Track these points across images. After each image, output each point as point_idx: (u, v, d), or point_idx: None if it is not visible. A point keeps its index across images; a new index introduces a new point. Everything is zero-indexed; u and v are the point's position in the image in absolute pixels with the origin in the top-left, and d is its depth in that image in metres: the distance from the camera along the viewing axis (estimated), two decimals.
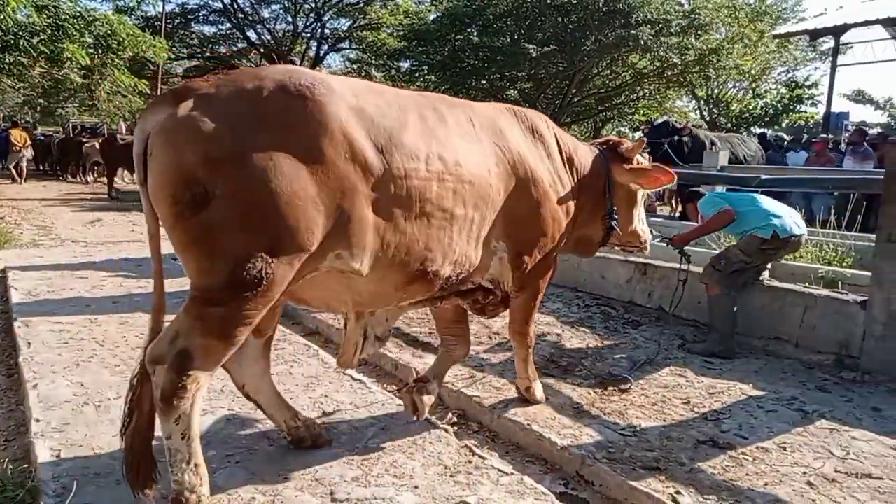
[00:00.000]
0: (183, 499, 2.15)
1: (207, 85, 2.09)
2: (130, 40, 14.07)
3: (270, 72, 2.19)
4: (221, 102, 2.05)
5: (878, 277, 3.65)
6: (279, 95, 2.11)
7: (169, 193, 1.99)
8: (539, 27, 16.59)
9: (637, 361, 3.89)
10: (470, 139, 2.62)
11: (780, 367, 3.89)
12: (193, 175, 1.97)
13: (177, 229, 2.04)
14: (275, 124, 2.07)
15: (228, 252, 2.01)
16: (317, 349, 4.13)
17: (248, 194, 2.00)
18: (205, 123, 1.99)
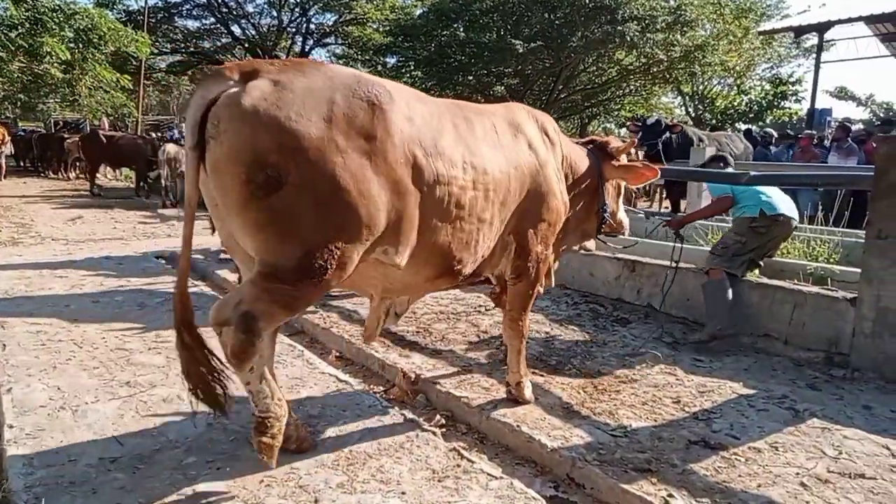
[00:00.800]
0: (269, 423, 2.38)
1: (276, 70, 2.19)
2: (112, 35, 13.88)
3: (338, 72, 2.33)
4: (297, 94, 2.15)
5: (868, 274, 3.63)
6: (350, 98, 2.25)
7: (241, 171, 2.08)
8: (525, 23, 16.55)
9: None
10: (495, 146, 2.81)
11: (770, 364, 3.87)
12: (267, 159, 2.07)
13: (250, 209, 2.13)
14: (346, 125, 2.20)
15: (301, 238, 2.17)
16: (302, 349, 4.05)
17: (322, 186, 2.14)
18: (282, 111, 2.10)
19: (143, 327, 4.44)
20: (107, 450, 2.74)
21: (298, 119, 2.12)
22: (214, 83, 2.16)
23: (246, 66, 2.20)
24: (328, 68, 2.33)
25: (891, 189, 3.53)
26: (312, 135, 2.13)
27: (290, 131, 2.10)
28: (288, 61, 2.28)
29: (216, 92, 2.14)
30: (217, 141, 2.10)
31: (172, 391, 3.38)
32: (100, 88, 16.10)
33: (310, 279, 2.20)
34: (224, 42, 28.00)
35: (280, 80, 2.15)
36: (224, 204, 2.19)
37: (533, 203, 2.96)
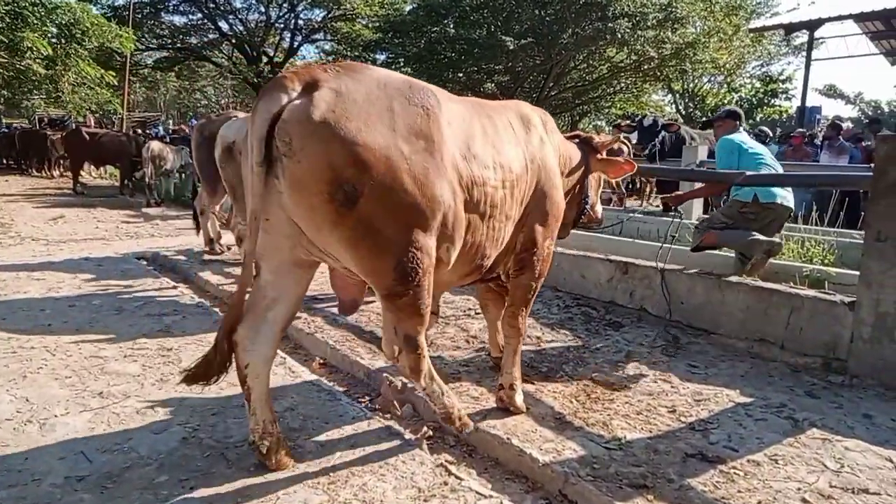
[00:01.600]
0: (452, 413, 2.79)
1: (333, 78, 2.20)
2: (95, 30, 13.60)
3: (390, 78, 2.36)
4: (361, 104, 2.19)
5: (867, 277, 3.54)
6: (407, 105, 2.32)
7: (325, 189, 2.12)
8: (516, 19, 16.41)
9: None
10: (515, 144, 2.90)
11: (767, 370, 3.77)
12: (344, 174, 2.12)
13: (341, 225, 2.19)
14: (407, 131, 2.28)
15: (388, 248, 2.27)
16: (284, 356, 3.90)
17: (394, 193, 2.21)
18: (352, 123, 2.14)
19: (120, 333, 4.28)
20: (74, 467, 2.59)
21: (367, 130, 2.16)
22: (276, 95, 2.16)
23: (305, 75, 2.21)
24: (378, 73, 2.36)
25: (889, 189, 3.44)
26: (381, 144, 2.18)
27: (361, 143, 2.14)
28: (339, 67, 2.28)
29: (280, 104, 2.14)
30: (293, 160, 2.12)
31: (147, 402, 3.23)
32: (83, 85, 15.79)
33: (413, 283, 2.34)
34: (211, 38, 27.63)
35: (341, 90, 2.17)
36: (311, 223, 2.24)
37: (541, 197, 3.04)
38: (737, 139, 4.80)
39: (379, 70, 2.42)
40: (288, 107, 2.14)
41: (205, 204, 6.85)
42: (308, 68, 2.25)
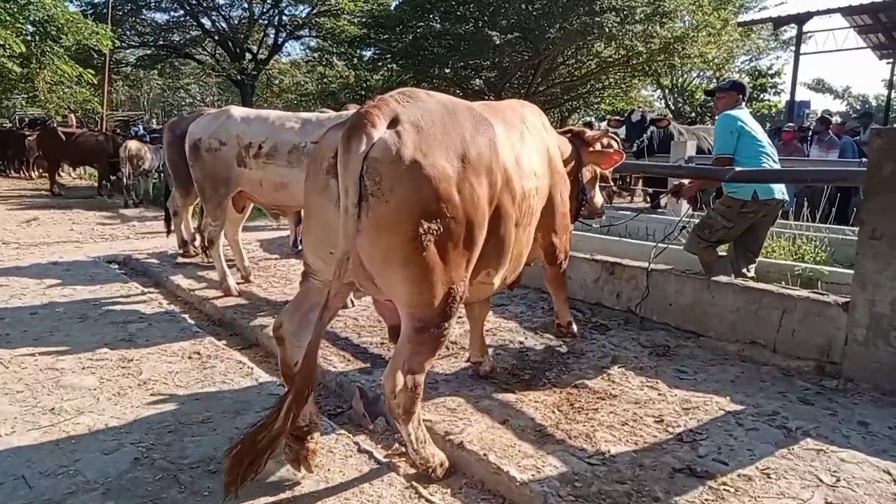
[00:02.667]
0: (431, 465, 2.57)
1: (409, 111, 2.24)
2: (70, 27, 13.25)
3: (457, 107, 2.43)
4: (439, 138, 2.24)
5: (861, 277, 3.38)
6: (476, 137, 2.37)
7: (409, 229, 2.15)
8: (503, 14, 16.21)
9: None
10: (537, 148, 3.01)
11: (758, 375, 3.60)
12: (429, 211, 2.16)
13: (413, 264, 2.20)
14: (477, 164, 2.33)
15: (446, 280, 2.29)
16: (252, 367, 3.70)
17: (463, 228, 2.28)
18: (436, 162, 2.18)
19: (80, 343, 4.06)
20: (13, 495, 2.39)
21: (447, 167, 2.21)
22: (364, 133, 2.13)
23: (385, 109, 2.21)
24: (444, 101, 2.41)
25: (884, 185, 3.28)
26: (458, 180, 2.23)
27: (445, 181, 2.19)
28: (407, 97, 2.32)
29: (368, 142, 2.13)
30: (380, 199, 2.12)
31: (100, 419, 3.02)
32: (60, 83, 15.44)
33: (449, 316, 2.36)
34: (194, 35, 27.24)
35: (421, 125, 2.21)
36: (384, 260, 2.23)
37: (554, 195, 3.20)
38: (739, 117, 4.43)
39: (441, 96, 2.47)
40: (376, 145, 2.13)
41: (178, 205, 6.62)
42: (385, 101, 2.25)
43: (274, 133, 4.75)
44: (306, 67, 30.19)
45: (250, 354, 4.17)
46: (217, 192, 4.89)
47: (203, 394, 3.33)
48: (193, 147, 4.83)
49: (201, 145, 4.78)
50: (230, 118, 4.87)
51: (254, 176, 4.77)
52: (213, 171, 4.82)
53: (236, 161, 4.77)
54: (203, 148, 4.78)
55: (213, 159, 4.78)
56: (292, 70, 32.31)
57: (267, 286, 5.62)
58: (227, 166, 4.79)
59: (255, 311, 4.85)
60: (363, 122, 2.16)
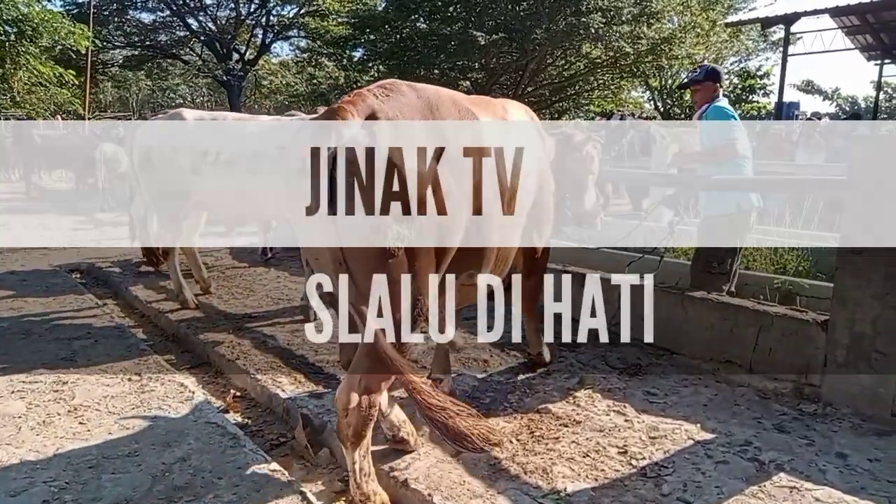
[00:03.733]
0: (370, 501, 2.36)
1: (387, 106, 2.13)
2: (46, 26, 12.94)
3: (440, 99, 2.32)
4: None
5: (841, 294, 3.18)
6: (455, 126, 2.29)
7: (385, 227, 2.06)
8: (490, 15, 16.01)
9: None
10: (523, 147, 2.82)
11: (733, 397, 3.39)
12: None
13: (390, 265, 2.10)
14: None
15: (420, 287, 2.18)
16: (193, 390, 3.45)
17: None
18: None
19: (18, 362, 3.81)
20: None
21: (423, 163, 2.11)
22: (337, 127, 2.05)
23: (361, 104, 2.11)
24: (426, 97, 2.29)
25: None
26: (434, 177, 2.13)
27: (420, 178, 2.09)
28: (387, 91, 2.22)
29: (340, 138, 2.04)
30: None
31: (17, 453, 2.78)
32: (39, 84, 15.12)
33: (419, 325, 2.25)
34: (180, 35, 26.93)
35: (398, 120, 2.12)
36: (363, 261, 2.11)
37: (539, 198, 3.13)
38: (730, 111, 4.17)
39: (426, 89, 2.36)
40: (350, 142, 2.04)
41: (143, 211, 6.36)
42: (362, 96, 2.15)
43: (233, 137, 4.46)
44: (296, 68, 29.92)
45: (198, 374, 3.93)
46: (172, 203, 4.59)
47: (135, 422, 3.09)
48: (144, 156, 4.54)
49: (153, 154, 4.49)
50: (183, 123, 4.58)
51: (210, 185, 4.45)
52: (166, 182, 4.52)
53: (190, 169, 4.46)
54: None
55: (167, 168, 4.48)
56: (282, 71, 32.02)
57: (228, 297, 5.37)
58: (181, 175, 4.47)
59: (210, 325, 4.60)
60: (337, 115, 2.06)
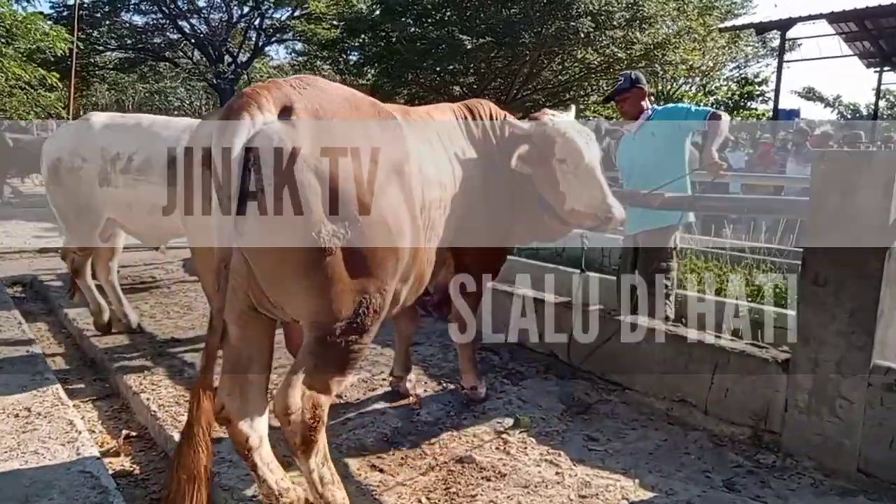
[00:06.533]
0: None
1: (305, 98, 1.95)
2: (20, 28, 12.65)
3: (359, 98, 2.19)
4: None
5: (803, 331, 2.81)
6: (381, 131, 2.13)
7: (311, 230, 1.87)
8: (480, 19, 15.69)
9: None
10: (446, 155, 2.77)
11: (684, 444, 3.01)
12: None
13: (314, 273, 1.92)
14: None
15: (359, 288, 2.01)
16: (80, 431, 3.08)
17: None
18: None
19: None
20: None
21: (351, 160, 1.94)
22: (250, 115, 1.82)
23: (278, 94, 1.91)
24: (345, 94, 2.15)
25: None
26: (365, 177, 1.97)
27: (349, 175, 1.92)
28: (304, 83, 2.03)
29: (252, 127, 1.82)
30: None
31: None
32: (17, 87, 14.83)
33: (364, 329, 2.07)
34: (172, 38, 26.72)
35: (319, 114, 1.94)
36: (278, 269, 1.93)
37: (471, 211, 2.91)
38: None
39: (343, 87, 2.22)
40: (264, 131, 1.83)
41: None
42: (277, 84, 1.96)
43: (147, 142, 4.02)
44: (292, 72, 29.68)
45: (102, 408, 3.58)
46: (82, 221, 4.16)
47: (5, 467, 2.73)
48: (52, 168, 4.13)
49: (61, 165, 4.09)
50: (90, 128, 4.16)
51: (122, 197, 4.03)
52: (74, 196, 4.10)
53: (99, 180, 4.05)
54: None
55: (74, 181, 4.06)
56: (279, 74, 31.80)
57: (162, 317, 5.02)
58: (88, 189, 4.05)
59: (131, 350, 4.25)
60: (246, 104, 1.84)
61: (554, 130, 2.93)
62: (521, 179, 3.02)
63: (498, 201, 3.03)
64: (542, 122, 2.99)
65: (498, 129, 3.09)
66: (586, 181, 2.92)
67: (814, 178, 2.77)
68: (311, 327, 2.06)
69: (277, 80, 2.05)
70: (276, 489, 2.27)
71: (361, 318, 2.05)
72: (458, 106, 3.11)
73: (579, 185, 2.92)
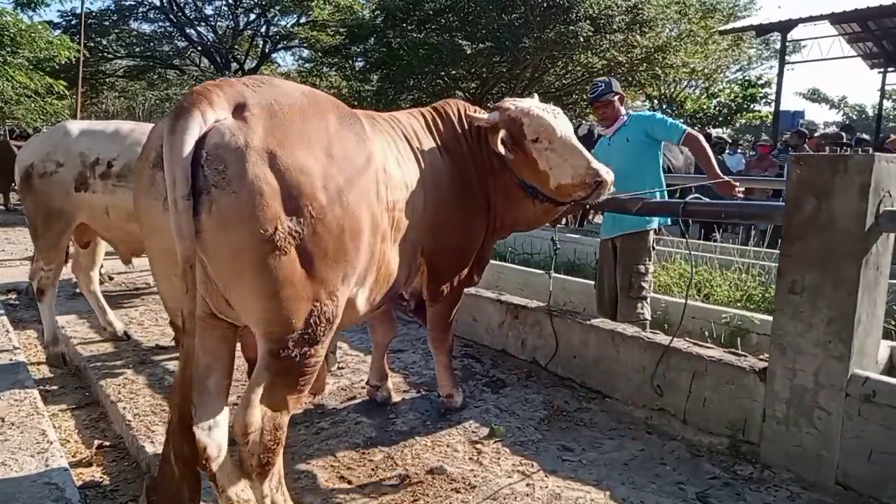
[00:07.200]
0: None
1: (260, 94, 1.92)
2: (24, 37, 12.78)
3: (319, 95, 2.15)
4: (297, 125, 1.92)
5: (780, 340, 2.75)
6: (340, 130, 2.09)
7: (258, 228, 1.81)
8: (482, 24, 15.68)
9: None
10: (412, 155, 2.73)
11: (661, 454, 2.95)
12: (286, 206, 1.84)
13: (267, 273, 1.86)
14: (343, 159, 2.04)
15: (311, 293, 1.96)
16: (51, 441, 3.06)
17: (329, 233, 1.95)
18: (295, 149, 1.87)
19: None
20: None
21: (309, 159, 1.90)
22: (201, 112, 1.79)
23: (230, 91, 1.88)
24: (303, 89, 2.11)
25: (806, 226, 2.65)
26: (322, 174, 1.93)
27: (306, 172, 1.87)
28: (259, 81, 2.01)
29: (206, 123, 1.79)
30: (226, 192, 1.78)
31: None
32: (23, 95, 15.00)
33: (317, 339, 2.03)
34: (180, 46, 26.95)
35: (275, 110, 1.89)
36: (232, 267, 1.89)
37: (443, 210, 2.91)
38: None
39: (300, 85, 2.17)
40: (217, 128, 1.80)
41: None
42: (230, 82, 1.95)
43: (128, 148, 3.99)
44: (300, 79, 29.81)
45: (80, 417, 3.57)
46: (50, 227, 4.08)
47: None
48: (25, 175, 4.06)
49: (34, 171, 4.03)
50: (67, 134, 4.11)
51: (98, 202, 3.99)
52: (46, 202, 4.04)
53: (75, 185, 3.99)
54: (36, 174, 4.03)
55: (47, 186, 4.01)
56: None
57: (150, 324, 5.02)
58: (63, 193, 4.00)
59: (115, 358, 4.24)
60: (197, 101, 1.81)
61: (518, 112, 2.90)
62: (498, 173, 3.01)
63: (472, 200, 2.99)
64: (504, 107, 2.96)
65: (467, 125, 3.03)
66: (565, 152, 2.88)
67: (789, 183, 2.71)
68: (264, 339, 2.01)
69: (230, 78, 2.03)
70: (236, 500, 2.24)
71: (314, 329, 2.00)
72: (426, 109, 3.08)
73: (559, 159, 2.87)
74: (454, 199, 2.88)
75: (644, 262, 3.86)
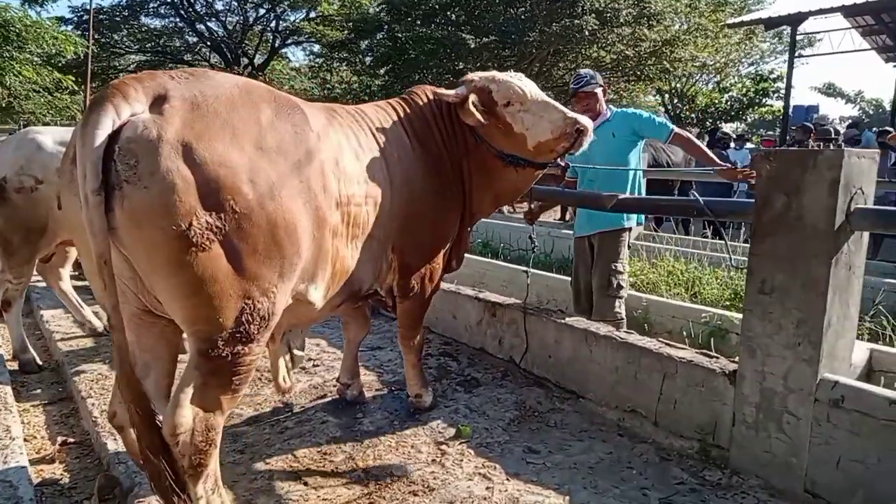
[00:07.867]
0: None
1: (185, 86, 1.87)
2: (31, 33, 12.88)
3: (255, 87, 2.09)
4: (223, 117, 1.87)
5: (749, 341, 2.65)
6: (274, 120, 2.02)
7: (172, 223, 1.76)
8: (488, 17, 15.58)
9: None
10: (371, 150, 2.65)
11: (629, 457, 2.88)
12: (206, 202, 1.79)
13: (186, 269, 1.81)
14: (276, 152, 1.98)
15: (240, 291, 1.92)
16: (14, 437, 3.03)
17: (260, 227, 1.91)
18: (213, 140, 1.82)
19: None
20: None
21: (232, 151, 1.84)
22: (114, 107, 1.75)
23: (150, 83, 1.84)
24: (237, 80, 2.06)
25: (775, 223, 2.55)
26: (248, 167, 1.87)
27: (227, 165, 1.82)
28: (189, 73, 1.97)
29: (119, 118, 1.75)
30: (138, 186, 1.74)
31: None
32: (31, 90, 15.14)
33: (250, 337, 1.97)
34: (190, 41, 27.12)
35: (198, 101, 1.85)
36: (148, 264, 1.86)
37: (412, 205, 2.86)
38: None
39: (237, 77, 2.12)
40: (131, 122, 1.76)
41: None
42: (152, 74, 1.91)
43: None
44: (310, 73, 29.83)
45: (51, 412, 3.56)
46: (28, 244, 3.90)
47: None
48: None
49: (8, 185, 3.83)
50: (40, 148, 3.89)
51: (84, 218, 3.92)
52: (25, 218, 3.85)
53: (58, 202, 3.88)
54: (11, 188, 3.83)
55: (27, 202, 3.82)
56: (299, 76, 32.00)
57: None
58: (46, 210, 3.81)
59: (93, 353, 4.24)
60: (111, 94, 1.78)
61: (484, 80, 2.88)
62: (473, 152, 2.96)
63: (446, 191, 2.92)
64: (469, 79, 2.92)
65: (436, 108, 2.96)
66: (539, 109, 2.84)
67: (759, 179, 2.62)
68: (193, 337, 1.97)
69: (154, 71, 1.99)
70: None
71: (246, 327, 1.95)
72: (395, 100, 3.00)
73: (534, 117, 2.82)
74: (427, 193, 2.82)
75: (621, 260, 3.78)
